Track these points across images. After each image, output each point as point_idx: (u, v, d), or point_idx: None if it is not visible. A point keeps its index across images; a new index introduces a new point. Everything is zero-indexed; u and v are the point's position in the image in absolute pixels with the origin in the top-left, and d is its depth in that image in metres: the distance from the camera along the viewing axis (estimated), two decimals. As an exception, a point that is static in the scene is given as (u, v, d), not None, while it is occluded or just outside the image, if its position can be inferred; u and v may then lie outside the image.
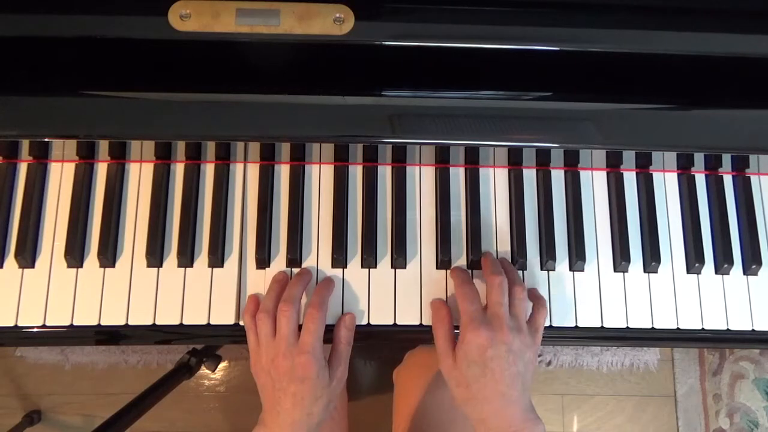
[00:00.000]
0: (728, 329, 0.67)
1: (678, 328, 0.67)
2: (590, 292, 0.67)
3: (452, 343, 0.60)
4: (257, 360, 0.60)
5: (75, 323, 0.63)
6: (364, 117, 0.60)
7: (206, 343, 1.22)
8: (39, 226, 0.66)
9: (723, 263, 0.68)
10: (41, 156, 0.67)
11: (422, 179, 0.69)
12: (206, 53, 0.60)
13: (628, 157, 0.69)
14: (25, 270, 0.65)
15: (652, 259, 0.67)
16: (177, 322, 0.64)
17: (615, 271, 0.68)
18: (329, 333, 0.63)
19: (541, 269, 0.68)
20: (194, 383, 1.41)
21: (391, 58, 0.61)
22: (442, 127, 0.59)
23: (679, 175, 0.71)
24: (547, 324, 0.66)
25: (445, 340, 0.61)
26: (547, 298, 0.66)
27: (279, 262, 0.66)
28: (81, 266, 0.65)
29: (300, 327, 0.60)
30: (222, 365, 1.40)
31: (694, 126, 0.61)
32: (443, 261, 0.66)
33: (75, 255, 0.64)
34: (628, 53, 0.61)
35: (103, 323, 0.64)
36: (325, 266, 0.66)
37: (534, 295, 0.65)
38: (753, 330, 0.67)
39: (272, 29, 0.57)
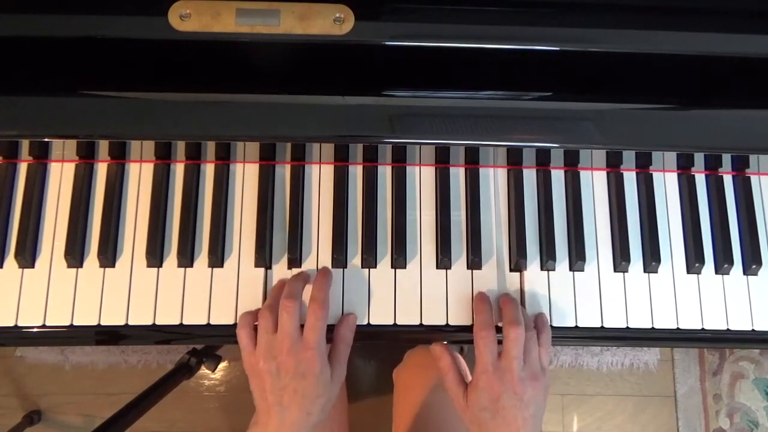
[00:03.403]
0: (728, 329, 0.67)
1: (678, 328, 0.67)
2: (590, 292, 0.67)
3: (462, 386, 0.62)
4: (255, 361, 0.59)
5: (75, 323, 0.63)
6: (364, 117, 0.60)
7: (206, 343, 1.22)
8: (39, 226, 0.66)
9: (723, 263, 0.68)
10: (41, 156, 0.67)
11: (422, 179, 0.69)
12: (206, 53, 0.60)
13: (628, 157, 0.70)
14: (25, 270, 0.65)
15: (652, 259, 0.67)
16: (177, 322, 0.64)
17: (615, 271, 0.68)
18: (329, 333, 0.63)
19: (541, 269, 0.68)
20: (194, 383, 1.42)
21: (390, 58, 0.61)
22: (443, 127, 0.59)
23: (679, 175, 0.71)
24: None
25: (455, 384, 0.62)
26: (547, 299, 0.67)
27: (279, 262, 0.66)
28: (81, 266, 0.65)
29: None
30: (222, 365, 1.40)
31: (694, 126, 0.61)
32: (443, 261, 0.66)
33: (75, 255, 0.64)
34: (628, 53, 0.61)
35: (103, 323, 0.64)
36: (325, 266, 0.66)
37: (538, 326, 0.63)
38: (753, 330, 0.67)
39: (272, 29, 0.57)
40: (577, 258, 0.67)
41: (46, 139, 0.64)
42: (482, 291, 0.66)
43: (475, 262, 0.66)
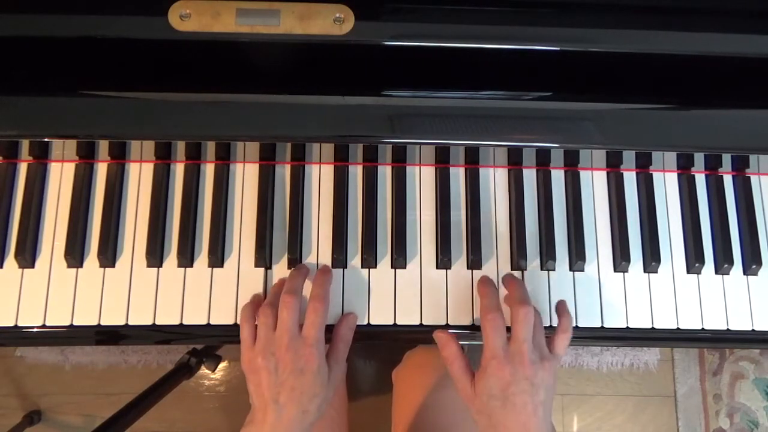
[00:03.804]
0: (728, 329, 0.67)
1: (678, 328, 0.67)
2: (590, 292, 0.67)
3: (469, 374, 0.60)
4: (253, 356, 0.59)
5: (75, 323, 0.63)
6: (364, 117, 0.60)
7: (206, 343, 1.22)
8: (39, 226, 0.66)
9: (723, 263, 0.68)
10: (41, 156, 0.67)
11: (422, 179, 0.69)
12: (206, 53, 0.60)
13: (628, 157, 0.69)
14: (25, 270, 0.65)
15: (652, 259, 0.67)
16: (177, 322, 0.64)
17: (615, 271, 0.68)
18: (328, 332, 0.63)
19: (541, 269, 0.68)
20: (194, 383, 1.41)
21: (391, 58, 0.61)
22: (442, 127, 0.59)
23: (679, 175, 0.71)
24: (547, 324, 0.66)
25: (461, 372, 0.60)
26: (547, 299, 0.66)
27: (279, 262, 0.66)
28: (81, 266, 0.65)
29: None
30: (222, 365, 1.40)
31: (694, 126, 0.61)
32: (443, 261, 0.66)
33: (75, 255, 0.64)
34: (628, 53, 0.61)
35: (103, 323, 0.64)
36: (325, 264, 0.66)
37: (559, 311, 0.63)
38: (753, 330, 0.67)
39: (272, 29, 0.57)
40: (577, 258, 0.67)
41: (46, 139, 0.64)
42: (485, 275, 0.65)
43: (475, 262, 0.66)
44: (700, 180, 0.71)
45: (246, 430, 0.60)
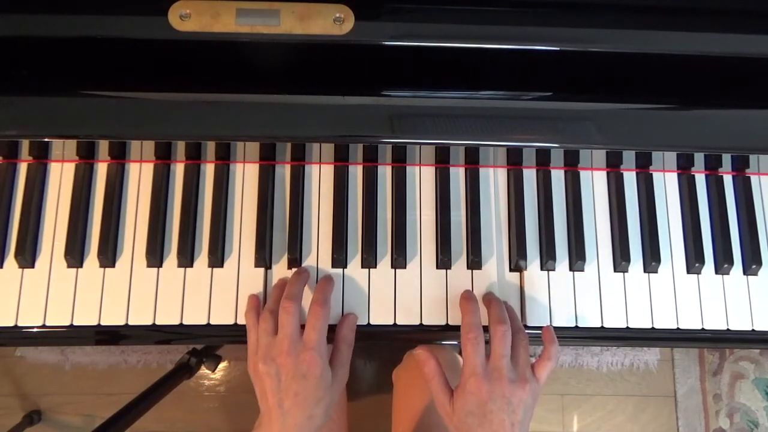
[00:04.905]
0: (728, 329, 0.67)
1: (678, 328, 0.67)
2: (590, 292, 0.67)
3: (448, 392, 0.60)
4: (255, 363, 0.59)
5: (75, 323, 0.63)
6: (364, 117, 0.60)
7: (206, 343, 1.22)
8: (39, 226, 0.66)
9: (723, 263, 0.68)
10: (41, 156, 0.67)
11: (422, 179, 0.69)
12: (206, 53, 0.60)
13: (628, 157, 0.70)
14: (25, 270, 0.65)
15: (652, 259, 0.67)
16: (177, 322, 0.64)
17: (615, 271, 0.68)
18: (330, 333, 0.63)
19: (541, 269, 0.68)
20: (194, 383, 1.41)
21: (391, 58, 0.61)
22: (442, 127, 0.59)
23: (679, 175, 0.71)
24: (546, 323, 0.66)
25: (440, 389, 0.60)
26: (547, 299, 0.66)
27: (279, 262, 0.66)
28: (81, 266, 0.65)
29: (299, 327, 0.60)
30: (222, 365, 1.40)
31: (694, 126, 0.61)
32: (443, 261, 0.66)
33: (75, 255, 0.64)
34: (628, 53, 0.61)
35: (103, 323, 0.64)
36: (325, 266, 0.66)
37: (545, 338, 0.62)
38: (753, 330, 0.67)
39: (272, 29, 0.57)
40: (577, 258, 0.67)
41: (46, 139, 0.64)
42: (468, 289, 0.66)
43: (475, 262, 0.66)
44: (700, 180, 0.71)
45: None
